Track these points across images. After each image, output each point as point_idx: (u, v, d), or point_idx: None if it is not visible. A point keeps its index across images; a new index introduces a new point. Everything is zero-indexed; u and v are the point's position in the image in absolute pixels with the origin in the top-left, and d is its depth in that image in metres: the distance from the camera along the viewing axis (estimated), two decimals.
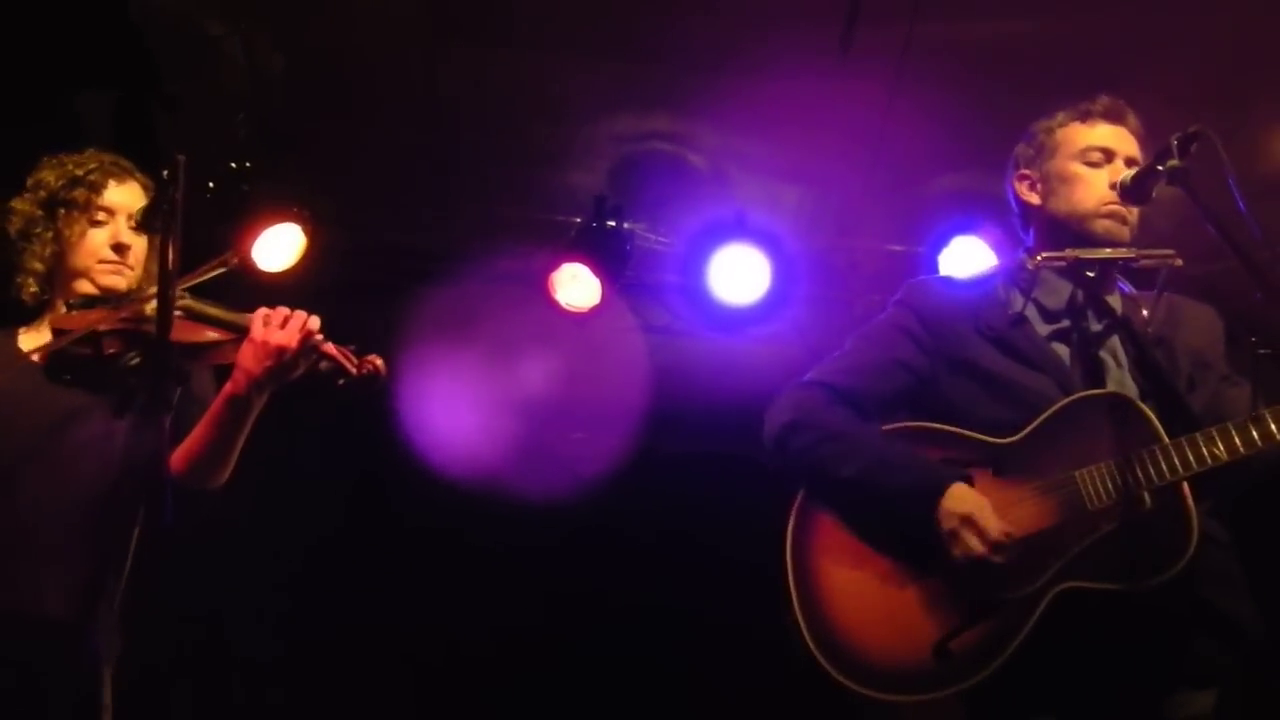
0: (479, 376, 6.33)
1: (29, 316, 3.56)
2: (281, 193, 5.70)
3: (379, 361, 3.46)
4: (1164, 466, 3.00)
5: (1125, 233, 3.35)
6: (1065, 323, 3.32)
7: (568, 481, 6.41)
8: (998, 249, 5.70)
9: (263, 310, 3.41)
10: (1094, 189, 3.35)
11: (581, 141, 5.84)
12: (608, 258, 5.93)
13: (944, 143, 5.56)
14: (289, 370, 3.38)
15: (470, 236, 6.10)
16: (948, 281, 3.60)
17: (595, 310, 6.00)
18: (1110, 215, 3.33)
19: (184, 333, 3.34)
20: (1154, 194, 3.22)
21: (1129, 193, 3.24)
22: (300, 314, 3.40)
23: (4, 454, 3.29)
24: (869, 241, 6.23)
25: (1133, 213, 3.35)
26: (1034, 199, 3.47)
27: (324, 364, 3.41)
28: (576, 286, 5.97)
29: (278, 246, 5.70)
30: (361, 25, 5.38)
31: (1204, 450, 2.99)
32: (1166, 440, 3.02)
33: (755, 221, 5.96)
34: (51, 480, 3.30)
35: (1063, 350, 3.29)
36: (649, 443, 6.70)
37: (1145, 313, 3.28)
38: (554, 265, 5.95)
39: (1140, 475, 3.01)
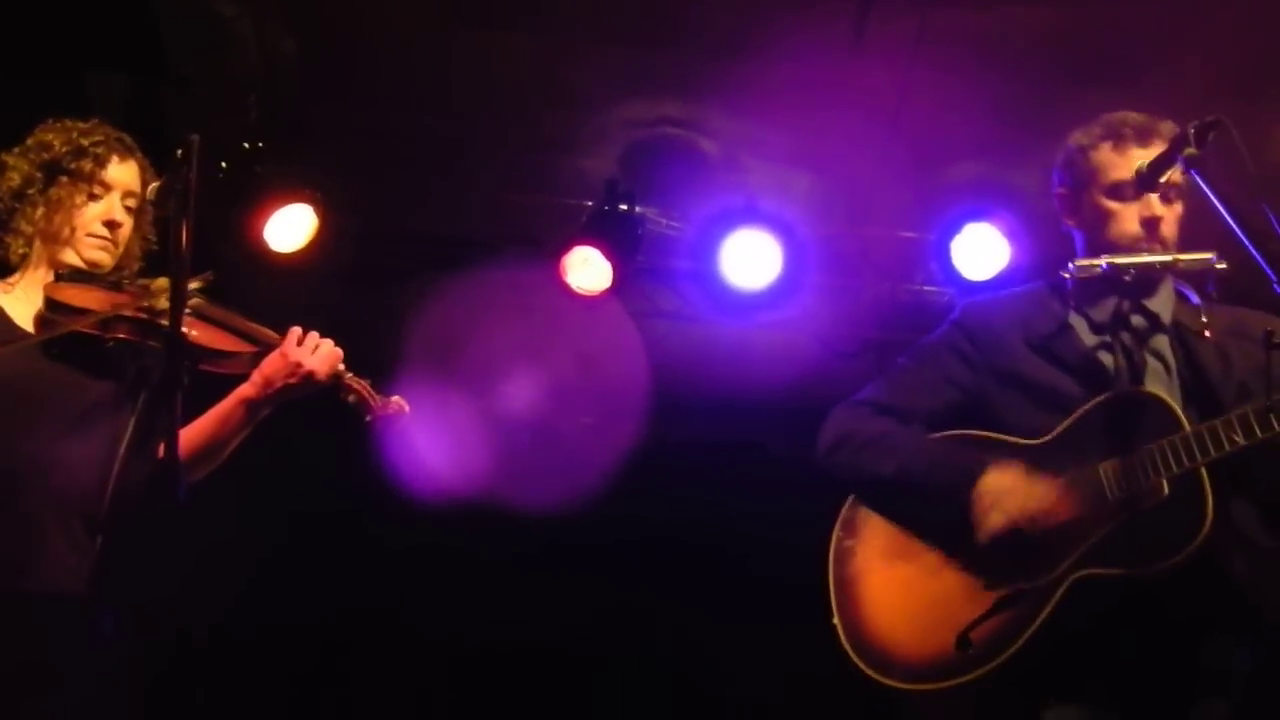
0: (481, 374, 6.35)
1: None
2: (293, 174, 5.70)
3: (402, 402, 3.61)
4: (1183, 454, 3.02)
5: None
6: (1109, 334, 3.34)
7: (574, 469, 6.40)
8: (1010, 237, 5.69)
9: (297, 329, 3.53)
10: (1126, 226, 3.34)
11: (593, 126, 5.82)
12: (619, 242, 5.92)
13: (958, 129, 5.53)
14: (305, 392, 3.52)
15: (481, 220, 6.10)
16: (1000, 298, 3.63)
17: (606, 294, 6.01)
18: (1140, 254, 3.31)
19: (196, 332, 3.39)
20: (1166, 181, 3.21)
21: (1143, 180, 3.24)
22: (329, 342, 3.54)
23: (6, 425, 3.29)
24: (881, 228, 6.22)
25: (1169, 242, 3.33)
26: (1072, 222, 3.50)
27: (351, 397, 3.58)
28: (588, 270, 5.97)
29: (290, 228, 5.71)
30: (374, 8, 5.37)
31: (1222, 436, 2.99)
32: (1188, 429, 3.04)
33: (767, 207, 5.95)
34: (59, 457, 3.30)
35: (1107, 358, 3.31)
36: (658, 428, 6.69)
37: (1204, 318, 3.27)
38: (566, 248, 5.95)
39: (1159, 464, 3.05)
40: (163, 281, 3.35)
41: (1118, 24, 5.06)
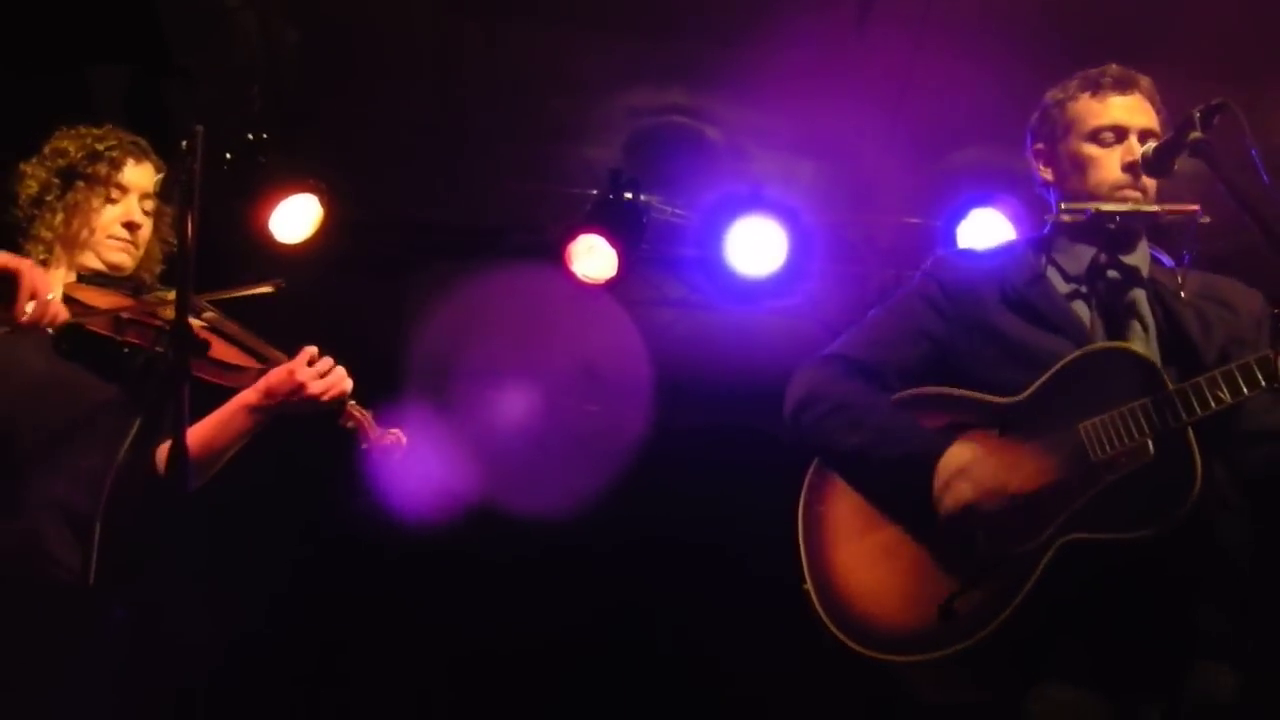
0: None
1: None
2: (297, 165, 5.70)
3: (400, 435, 3.64)
4: (1167, 414, 2.94)
5: None
6: (1085, 283, 3.27)
7: (578, 463, 6.39)
8: (1015, 221, 5.68)
9: (312, 349, 3.54)
10: (1107, 173, 3.28)
11: (597, 115, 5.82)
12: (624, 230, 5.92)
13: (962, 115, 5.53)
14: (306, 411, 3.55)
15: (486, 209, 6.09)
16: (974, 251, 3.57)
17: (611, 282, 6.00)
18: (1123, 200, 3.26)
19: (206, 340, 3.40)
20: (1176, 167, 3.19)
21: (1150, 165, 3.21)
22: (340, 371, 3.55)
23: (12, 419, 3.30)
24: (886, 214, 6.21)
25: (1149, 191, 3.28)
26: (1049, 176, 3.43)
27: (350, 424, 3.62)
28: (593, 258, 5.97)
29: (295, 218, 5.71)
30: None
31: (1208, 394, 2.92)
32: (1171, 388, 2.97)
33: (772, 194, 5.94)
34: (67, 456, 3.32)
35: (1082, 310, 3.25)
36: (664, 415, 6.68)
37: (1180, 279, 3.22)
38: (571, 237, 5.94)
39: (1144, 423, 2.98)
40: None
41: (1124, 7, 5.05)
